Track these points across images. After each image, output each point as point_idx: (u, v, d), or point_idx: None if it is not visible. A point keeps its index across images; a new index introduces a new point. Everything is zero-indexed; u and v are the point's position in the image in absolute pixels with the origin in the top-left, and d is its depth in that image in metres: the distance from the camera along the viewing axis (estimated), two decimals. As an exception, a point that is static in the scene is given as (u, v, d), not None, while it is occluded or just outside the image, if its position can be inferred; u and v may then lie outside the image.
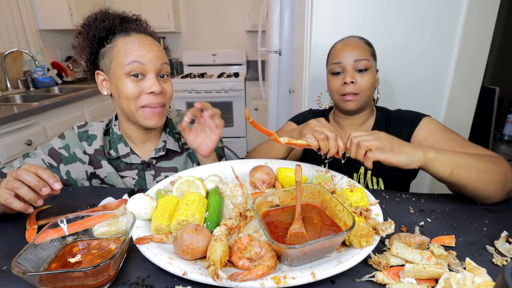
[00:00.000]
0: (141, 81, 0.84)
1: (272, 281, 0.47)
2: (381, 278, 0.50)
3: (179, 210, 0.62)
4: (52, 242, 0.55)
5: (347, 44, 0.96)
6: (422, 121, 0.94)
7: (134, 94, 0.84)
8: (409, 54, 1.43)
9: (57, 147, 0.92)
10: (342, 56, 0.94)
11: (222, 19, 3.82)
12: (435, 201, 0.78)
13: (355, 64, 0.93)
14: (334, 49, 0.99)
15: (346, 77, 0.92)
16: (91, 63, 0.90)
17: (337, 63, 0.95)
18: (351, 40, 0.97)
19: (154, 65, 0.84)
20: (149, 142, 0.99)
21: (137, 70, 0.83)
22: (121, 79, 0.84)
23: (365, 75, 0.94)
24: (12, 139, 1.77)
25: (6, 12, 2.45)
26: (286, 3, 2.03)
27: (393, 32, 1.40)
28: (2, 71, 2.40)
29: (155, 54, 0.85)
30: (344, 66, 0.94)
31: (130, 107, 0.86)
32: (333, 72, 0.97)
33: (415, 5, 1.37)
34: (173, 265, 0.50)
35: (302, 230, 0.56)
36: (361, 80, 0.93)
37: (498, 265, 0.54)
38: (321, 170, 0.85)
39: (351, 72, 0.93)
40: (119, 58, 0.83)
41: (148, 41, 0.87)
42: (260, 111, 3.52)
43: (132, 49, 0.83)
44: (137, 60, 0.82)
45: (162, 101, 0.88)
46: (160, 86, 0.85)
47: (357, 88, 0.93)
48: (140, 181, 0.98)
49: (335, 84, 0.96)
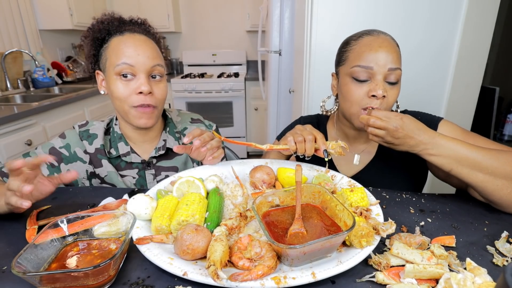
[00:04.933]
0: (130, 81, 0.85)
1: (272, 281, 0.47)
2: (381, 278, 0.50)
3: (179, 211, 0.62)
4: (52, 242, 0.55)
5: (380, 44, 0.76)
6: (440, 127, 0.84)
7: (124, 94, 0.84)
8: (408, 54, 1.42)
9: (57, 147, 0.93)
10: (374, 59, 0.75)
11: (222, 19, 3.82)
12: (436, 201, 0.78)
13: (388, 73, 0.75)
14: (359, 45, 0.78)
15: (377, 89, 0.74)
16: (93, 65, 0.92)
17: (364, 67, 0.76)
18: (384, 40, 0.77)
19: (144, 67, 0.84)
20: (149, 142, 0.99)
21: (127, 71, 0.84)
22: (113, 79, 0.85)
23: (395, 88, 0.77)
24: (12, 139, 1.77)
25: (6, 12, 2.45)
26: (286, 3, 2.03)
27: (392, 32, 1.38)
28: (2, 71, 2.40)
29: (146, 55, 0.85)
30: (374, 74, 0.75)
31: (123, 107, 0.87)
32: (356, 78, 0.78)
33: (415, 5, 1.37)
34: (173, 265, 0.50)
35: (302, 230, 0.56)
36: (390, 94, 0.76)
37: (499, 265, 0.54)
38: (321, 170, 0.84)
39: (382, 82, 0.75)
40: (111, 58, 0.85)
41: (140, 40, 0.86)
42: (260, 111, 3.52)
43: (123, 49, 0.84)
44: (127, 62, 0.83)
45: (151, 103, 0.86)
46: (149, 86, 0.84)
47: (384, 105, 0.76)
48: (140, 180, 0.98)
49: (358, 93, 0.78)
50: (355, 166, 0.94)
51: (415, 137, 0.69)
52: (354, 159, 0.81)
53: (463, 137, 0.80)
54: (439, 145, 0.69)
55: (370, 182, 0.86)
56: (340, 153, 0.74)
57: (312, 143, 0.72)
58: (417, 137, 0.69)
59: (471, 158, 0.68)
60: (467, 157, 0.68)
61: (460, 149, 0.69)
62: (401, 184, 0.91)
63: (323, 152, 0.73)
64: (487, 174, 0.68)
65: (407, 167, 0.91)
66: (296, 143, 0.72)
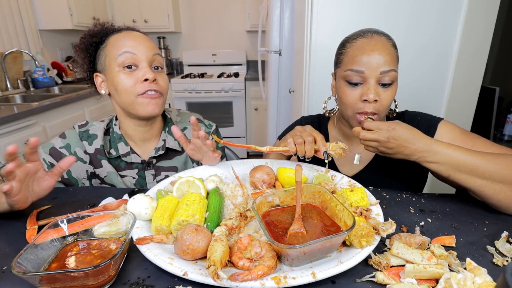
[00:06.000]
0: (134, 71, 0.87)
1: (272, 281, 0.47)
2: (381, 278, 0.50)
3: (180, 211, 0.62)
4: (52, 242, 0.55)
5: (372, 47, 0.75)
6: (439, 129, 0.83)
7: (129, 84, 0.86)
8: (409, 54, 1.43)
9: (58, 147, 0.93)
10: (365, 62, 0.75)
11: (222, 19, 3.82)
12: (436, 201, 0.78)
13: (380, 76, 0.75)
14: (352, 49, 0.78)
15: (369, 93, 0.74)
16: (90, 70, 0.94)
17: (357, 71, 0.76)
18: (377, 41, 0.76)
19: (146, 56, 0.87)
20: (149, 142, 0.99)
21: (130, 61, 0.85)
22: (115, 72, 0.86)
23: (389, 90, 0.76)
24: (12, 139, 1.78)
25: (6, 12, 2.45)
26: (286, 3, 2.03)
27: (392, 32, 1.38)
28: (2, 71, 2.40)
29: (146, 45, 0.88)
30: (366, 78, 0.76)
31: (128, 98, 0.87)
32: (349, 81, 0.78)
33: (415, 5, 1.37)
34: (174, 265, 0.50)
35: (302, 230, 0.56)
36: (384, 97, 0.76)
37: (499, 265, 0.54)
38: (321, 170, 0.84)
39: (374, 86, 0.75)
40: (111, 52, 0.87)
41: (137, 34, 0.91)
42: (260, 111, 3.52)
43: (123, 41, 0.87)
44: (128, 50, 0.85)
45: (157, 89, 0.88)
46: (153, 73, 0.87)
47: (378, 107, 0.76)
48: (140, 180, 0.98)
49: (351, 97, 0.78)
50: (355, 166, 0.94)
51: (410, 146, 0.69)
52: (355, 159, 0.81)
53: (462, 138, 0.80)
54: (436, 152, 0.69)
55: (371, 182, 0.86)
56: (341, 155, 0.74)
57: (311, 145, 0.72)
58: (412, 146, 0.69)
59: (469, 163, 0.68)
60: (465, 163, 0.68)
61: (457, 155, 0.68)
62: (401, 183, 0.92)
63: (323, 153, 0.73)
64: (485, 179, 0.68)
65: (407, 167, 0.91)
66: (296, 145, 0.72)
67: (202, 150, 0.80)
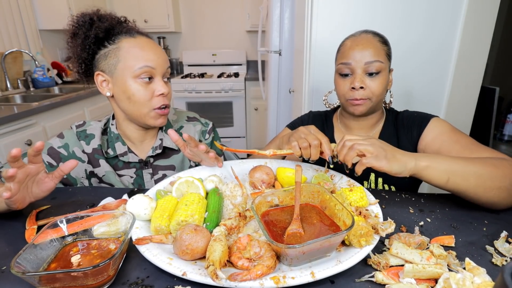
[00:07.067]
0: (150, 84, 0.87)
1: (271, 281, 0.47)
2: (380, 278, 0.50)
3: (179, 211, 0.62)
4: (51, 242, 0.55)
5: (357, 43, 0.86)
6: (431, 122, 0.89)
7: (146, 97, 0.86)
8: (408, 54, 1.43)
9: (56, 146, 0.93)
10: (351, 56, 0.85)
11: (222, 19, 3.82)
12: (435, 201, 0.78)
13: (365, 66, 0.84)
14: (343, 47, 0.90)
15: (355, 82, 0.84)
16: (87, 65, 0.90)
17: (345, 63, 0.86)
18: (363, 38, 0.87)
19: (162, 70, 0.88)
20: (146, 141, 1.00)
21: (148, 74, 0.85)
22: (129, 82, 0.85)
23: (376, 79, 0.85)
24: (12, 139, 1.78)
25: (6, 12, 2.45)
26: (286, 3, 2.03)
27: (392, 31, 1.40)
28: (2, 71, 2.41)
29: (163, 58, 0.89)
30: (353, 68, 0.86)
31: (142, 110, 0.87)
32: (340, 73, 0.89)
33: (414, 5, 1.37)
34: (173, 265, 0.50)
35: (300, 230, 0.56)
36: (371, 85, 0.85)
37: (498, 265, 0.54)
38: (321, 170, 0.84)
39: (360, 75, 0.85)
40: (128, 61, 0.84)
41: (153, 44, 0.90)
42: (260, 111, 3.52)
43: (142, 53, 0.85)
44: (149, 65, 0.85)
45: (168, 103, 0.91)
46: (167, 88, 0.89)
47: (367, 94, 0.85)
48: (138, 179, 0.98)
49: (343, 87, 0.88)
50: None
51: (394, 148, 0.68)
52: None
53: (449, 134, 0.84)
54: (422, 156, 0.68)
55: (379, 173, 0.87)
56: None
57: (317, 149, 0.72)
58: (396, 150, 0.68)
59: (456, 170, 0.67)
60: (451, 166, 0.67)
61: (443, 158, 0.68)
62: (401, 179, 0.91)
63: (328, 158, 0.73)
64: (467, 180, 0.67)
65: None
66: (301, 149, 0.72)
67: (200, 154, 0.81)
